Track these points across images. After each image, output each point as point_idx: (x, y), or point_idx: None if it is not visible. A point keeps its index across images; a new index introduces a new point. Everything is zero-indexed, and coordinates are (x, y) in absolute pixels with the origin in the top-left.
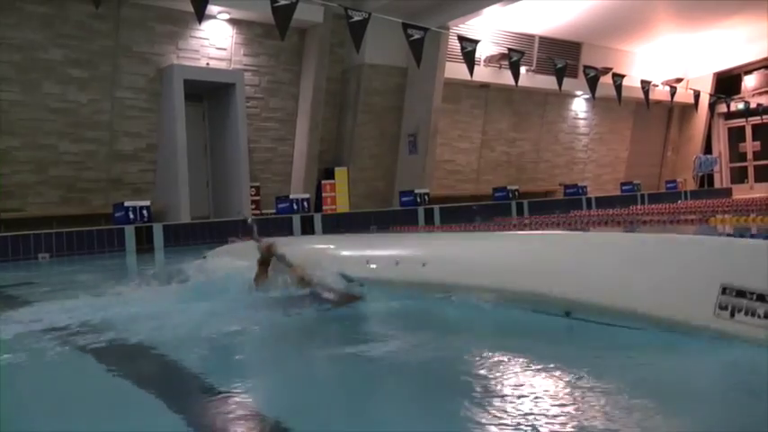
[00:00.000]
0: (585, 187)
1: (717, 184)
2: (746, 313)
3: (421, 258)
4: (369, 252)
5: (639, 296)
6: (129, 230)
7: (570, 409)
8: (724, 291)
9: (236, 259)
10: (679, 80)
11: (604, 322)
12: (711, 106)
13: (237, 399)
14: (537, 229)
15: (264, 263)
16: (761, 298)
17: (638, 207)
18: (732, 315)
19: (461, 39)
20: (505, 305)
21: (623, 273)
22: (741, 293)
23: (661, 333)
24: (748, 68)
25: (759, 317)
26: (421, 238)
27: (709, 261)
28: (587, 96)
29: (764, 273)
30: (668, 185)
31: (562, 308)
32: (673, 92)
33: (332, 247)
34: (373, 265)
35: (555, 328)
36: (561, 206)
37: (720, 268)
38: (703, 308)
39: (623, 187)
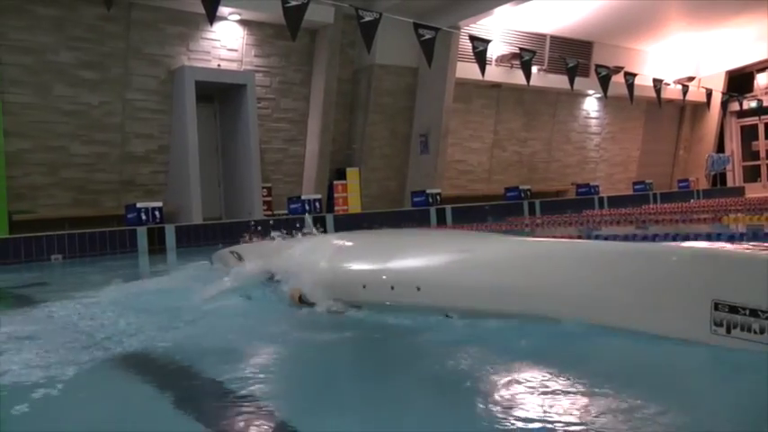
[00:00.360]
0: (597, 187)
1: (729, 183)
2: (743, 329)
3: None
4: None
5: (627, 313)
6: (142, 231)
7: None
8: (716, 307)
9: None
10: (691, 78)
11: None
12: (724, 104)
13: (257, 403)
14: (550, 229)
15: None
16: (754, 313)
17: (651, 206)
18: (728, 331)
19: (473, 38)
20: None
21: (608, 288)
22: (734, 309)
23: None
24: (761, 66)
25: (756, 332)
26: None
27: (699, 275)
28: (599, 95)
29: (755, 286)
30: (680, 184)
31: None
32: (685, 90)
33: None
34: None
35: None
36: (573, 206)
37: (710, 282)
38: (699, 325)
39: (635, 186)
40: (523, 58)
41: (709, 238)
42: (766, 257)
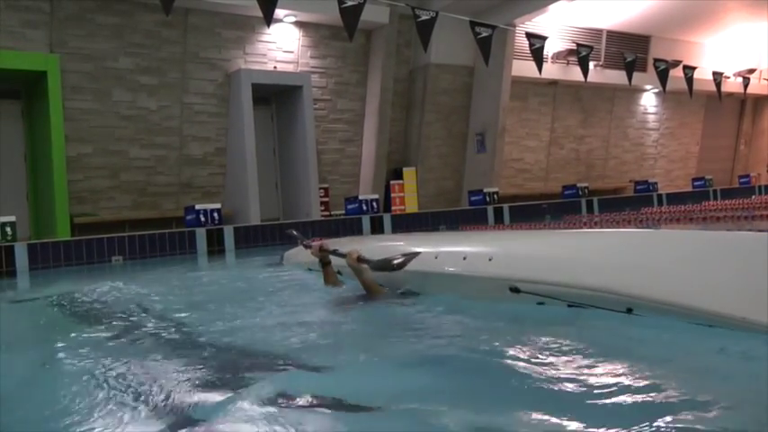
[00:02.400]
0: (656, 183)
1: None
2: None
3: None
4: None
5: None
6: (201, 233)
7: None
8: None
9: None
10: (752, 71)
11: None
12: None
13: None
14: (608, 227)
15: (326, 263)
16: None
17: (711, 203)
18: None
19: (529, 35)
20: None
21: (688, 270)
22: None
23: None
24: None
25: None
26: None
27: None
28: (656, 90)
29: None
30: (741, 180)
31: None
32: (746, 83)
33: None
34: None
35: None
36: (632, 203)
37: None
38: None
39: (695, 183)
40: (580, 53)
41: None
42: None
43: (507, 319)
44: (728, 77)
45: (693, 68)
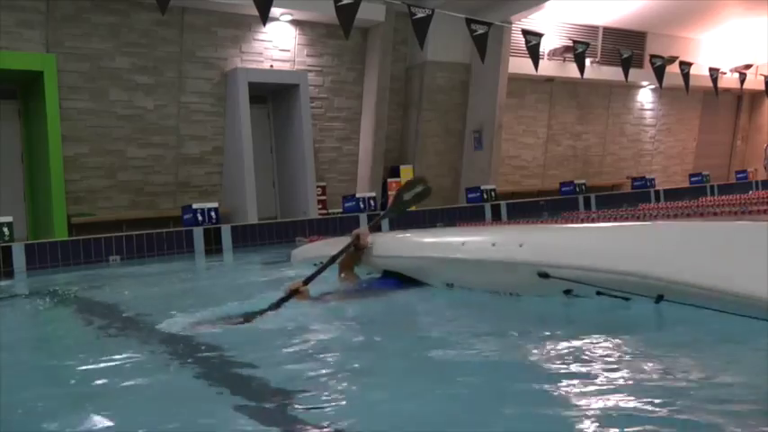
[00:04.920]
0: (653, 179)
1: None
2: None
3: None
4: None
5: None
6: (198, 232)
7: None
8: None
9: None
10: (748, 66)
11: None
12: None
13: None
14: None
15: (360, 248)
16: None
17: (708, 198)
18: None
19: (526, 32)
20: None
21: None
22: None
23: None
24: None
25: None
26: None
27: None
28: (653, 87)
29: None
30: (738, 176)
31: None
32: (742, 79)
33: None
34: None
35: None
36: (629, 199)
37: None
38: None
39: (692, 179)
40: (576, 50)
41: None
42: None
43: (534, 315)
44: (725, 73)
45: (690, 64)
